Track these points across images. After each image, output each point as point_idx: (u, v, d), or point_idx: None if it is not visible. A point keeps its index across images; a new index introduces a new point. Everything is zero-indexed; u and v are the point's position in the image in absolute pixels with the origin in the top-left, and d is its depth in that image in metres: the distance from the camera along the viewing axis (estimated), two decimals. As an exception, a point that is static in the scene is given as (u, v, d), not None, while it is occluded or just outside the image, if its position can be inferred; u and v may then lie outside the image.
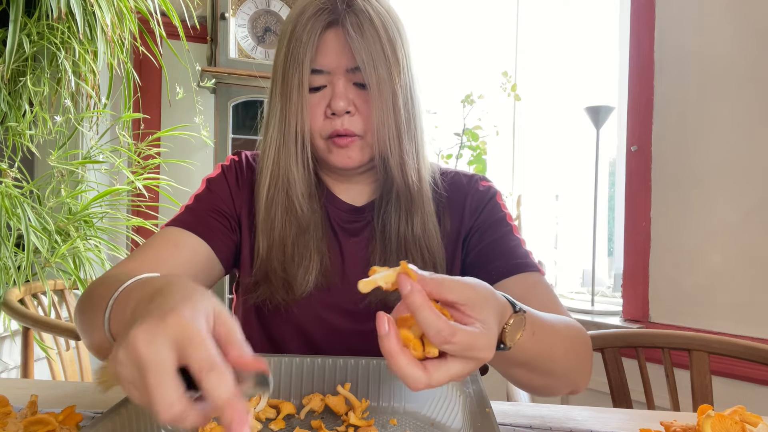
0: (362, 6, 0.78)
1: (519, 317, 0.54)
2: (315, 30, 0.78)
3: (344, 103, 0.79)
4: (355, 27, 0.77)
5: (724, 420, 0.56)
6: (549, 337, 0.61)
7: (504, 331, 0.53)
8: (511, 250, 0.85)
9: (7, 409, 0.59)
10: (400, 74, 0.79)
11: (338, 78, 0.79)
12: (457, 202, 0.90)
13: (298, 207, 0.83)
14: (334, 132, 0.80)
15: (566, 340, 0.65)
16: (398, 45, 0.80)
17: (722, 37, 1.53)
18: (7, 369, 1.78)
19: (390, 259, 0.85)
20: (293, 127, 0.80)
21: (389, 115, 0.79)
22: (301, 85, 0.79)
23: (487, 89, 2.39)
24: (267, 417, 0.66)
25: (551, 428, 0.69)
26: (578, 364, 0.68)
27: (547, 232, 2.36)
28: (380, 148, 0.80)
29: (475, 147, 2.43)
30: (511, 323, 0.53)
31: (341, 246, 0.89)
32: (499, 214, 0.90)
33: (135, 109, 1.93)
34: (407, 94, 0.81)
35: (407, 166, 0.82)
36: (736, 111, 1.50)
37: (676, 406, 1.11)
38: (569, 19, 2.30)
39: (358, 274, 0.87)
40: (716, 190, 1.54)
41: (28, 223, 1.52)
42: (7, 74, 1.44)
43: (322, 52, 0.79)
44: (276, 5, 2.50)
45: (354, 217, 0.90)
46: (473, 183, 0.93)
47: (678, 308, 1.61)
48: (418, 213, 0.84)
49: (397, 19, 0.82)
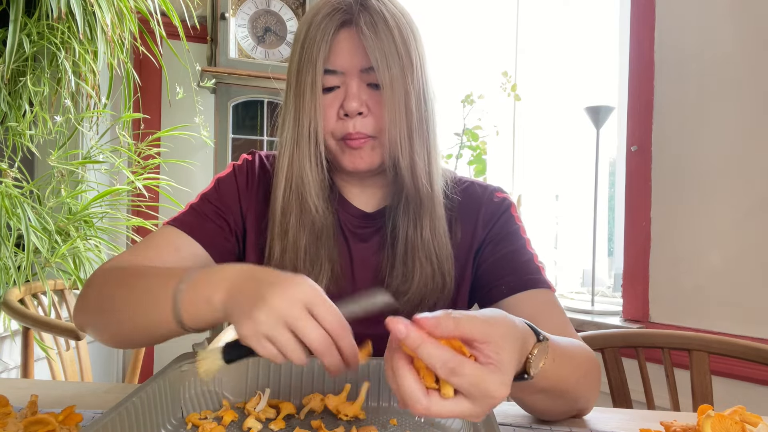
0: (376, 6, 0.78)
1: (543, 346, 0.53)
2: (329, 30, 0.77)
3: (357, 103, 0.78)
4: (369, 26, 0.76)
5: (724, 420, 0.56)
6: (568, 363, 0.61)
7: (528, 361, 0.52)
8: (524, 264, 0.84)
9: (7, 409, 0.59)
10: (413, 75, 0.79)
11: (352, 78, 0.79)
12: (470, 213, 0.89)
13: (313, 207, 0.82)
14: (347, 134, 0.80)
15: (582, 366, 0.65)
16: (412, 46, 0.79)
17: (722, 37, 1.53)
18: (7, 369, 1.78)
19: (397, 264, 0.84)
20: (306, 127, 0.80)
21: (401, 116, 0.78)
22: (314, 84, 0.78)
23: (487, 89, 2.39)
24: (267, 417, 0.66)
25: (551, 428, 0.69)
26: (590, 387, 0.68)
27: (547, 232, 2.36)
28: (391, 148, 0.80)
29: (475, 147, 2.43)
30: (535, 353, 0.52)
31: (351, 251, 0.88)
32: (513, 226, 0.88)
33: (135, 109, 1.93)
34: (420, 96, 0.80)
35: (417, 168, 0.81)
36: (736, 111, 1.50)
37: (676, 406, 1.11)
38: (569, 19, 2.30)
39: (367, 280, 0.87)
40: (716, 190, 1.54)
41: (28, 223, 1.52)
42: (7, 74, 1.44)
43: (336, 51, 0.78)
44: (276, 5, 2.50)
45: (365, 223, 0.89)
46: (488, 194, 0.91)
47: (678, 308, 1.61)
48: (428, 217, 0.83)
49: (411, 21, 0.82)
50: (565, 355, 0.61)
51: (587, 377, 0.67)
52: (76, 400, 0.72)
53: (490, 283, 0.84)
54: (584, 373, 0.66)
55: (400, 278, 0.83)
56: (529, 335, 0.52)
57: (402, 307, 0.83)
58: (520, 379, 0.52)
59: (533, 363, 0.52)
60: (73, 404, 0.61)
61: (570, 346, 0.64)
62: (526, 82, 2.37)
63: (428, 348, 0.43)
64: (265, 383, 0.72)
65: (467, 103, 2.34)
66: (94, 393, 0.76)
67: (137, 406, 0.57)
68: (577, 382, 0.64)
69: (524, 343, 0.50)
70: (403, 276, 0.83)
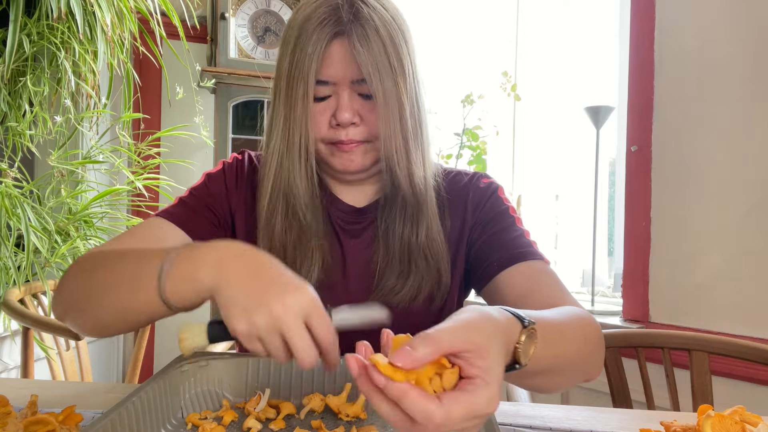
0: (368, 15, 0.77)
1: (529, 332, 0.51)
2: (321, 41, 0.76)
3: (349, 114, 0.78)
4: (361, 39, 0.76)
5: (724, 420, 0.56)
6: (561, 340, 0.59)
7: (517, 350, 0.50)
8: (513, 240, 0.84)
9: (7, 409, 0.59)
10: (407, 84, 0.79)
11: (343, 89, 0.79)
12: (458, 202, 0.90)
13: (301, 216, 0.83)
14: (339, 141, 0.80)
15: (578, 336, 0.63)
16: (404, 53, 0.79)
17: (722, 37, 1.53)
18: (7, 369, 1.78)
19: (392, 262, 0.85)
20: (297, 138, 0.80)
21: (396, 127, 0.78)
22: (306, 96, 0.78)
23: (487, 89, 2.39)
24: (267, 417, 0.66)
25: (551, 428, 0.69)
26: (591, 355, 0.66)
27: (547, 232, 2.36)
28: (387, 157, 0.80)
29: (475, 147, 2.43)
30: (523, 340, 0.50)
31: (343, 247, 0.88)
32: (501, 207, 0.89)
33: (135, 109, 1.93)
34: (413, 103, 0.81)
35: (415, 177, 0.81)
36: (736, 111, 1.50)
37: (676, 406, 1.11)
38: (569, 19, 2.30)
39: (360, 276, 0.87)
40: (716, 190, 1.54)
41: (28, 223, 1.52)
42: (7, 74, 1.44)
43: (328, 63, 0.78)
44: (276, 5, 2.50)
45: (355, 218, 0.89)
46: (474, 181, 0.92)
47: (678, 308, 1.61)
48: (424, 220, 0.84)
49: (403, 24, 0.81)
50: (558, 331, 0.59)
51: (587, 344, 0.64)
52: (76, 400, 0.72)
53: (482, 263, 0.85)
54: (583, 341, 0.64)
55: (396, 276, 0.84)
56: (512, 324, 0.50)
57: (396, 303, 0.83)
58: (512, 369, 0.50)
59: (522, 352, 0.50)
60: (73, 404, 0.61)
61: (563, 319, 0.62)
62: (526, 82, 2.37)
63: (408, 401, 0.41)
64: (265, 383, 0.72)
65: (467, 103, 2.34)
66: (94, 393, 0.76)
67: (137, 406, 0.57)
68: (577, 353, 0.62)
69: (508, 336, 0.49)
70: (399, 274, 0.84)
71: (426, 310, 0.86)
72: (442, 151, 2.41)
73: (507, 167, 2.43)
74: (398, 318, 0.87)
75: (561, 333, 0.60)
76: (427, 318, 0.83)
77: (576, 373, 0.66)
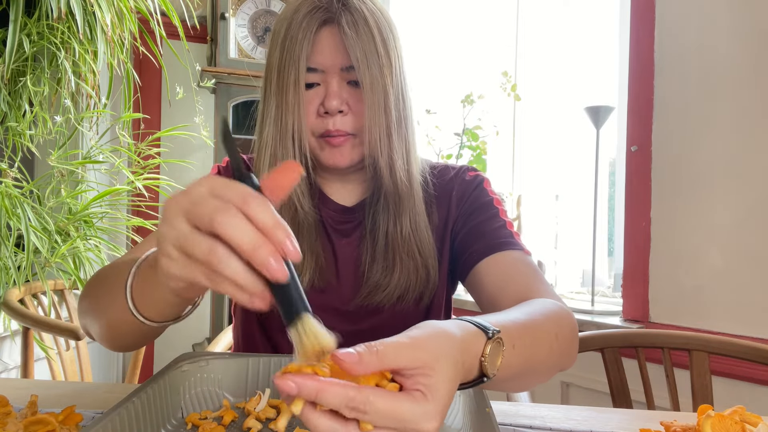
0: (357, 5, 0.79)
1: (495, 343, 0.49)
2: (310, 28, 0.78)
3: (337, 102, 0.79)
4: (350, 25, 0.77)
5: (724, 420, 0.56)
6: (532, 343, 0.58)
7: (483, 363, 0.48)
8: (494, 231, 0.84)
9: (7, 409, 0.59)
10: (392, 74, 0.80)
11: (332, 77, 0.80)
12: (444, 195, 0.91)
13: (298, 206, 0.83)
14: (326, 132, 0.80)
15: (550, 334, 0.62)
16: (391, 45, 0.80)
17: (722, 37, 1.53)
18: (7, 369, 1.78)
19: (377, 258, 0.85)
20: (290, 125, 0.80)
21: (380, 115, 0.79)
22: (297, 82, 0.79)
23: (487, 89, 2.39)
24: (267, 417, 0.66)
25: (551, 428, 0.69)
26: (564, 351, 0.65)
27: (547, 232, 2.36)
28: (371, 147, 0.80)
29: (475, 147, 2.43)
30: (488, 352, 0.48)
31: (334, 247, 0.89)
32: (485, 198, 0.89)
33: (135, 109, 1.93)
34: (399, 95, 0.82)
35: (396, 167, 0.82)
36: (736, 111, 1.50)
37: (676, 406, 1.11)
38: (569, 20, 2.30)
39: (350, 276, 0.88)
40: (716, 190, 1.54)
41: (28, 223, 1.52)
42: (7, 74, 1.44)
43: (318, 50, 0.79)
44: (276, 5, 2.50)
45: (345, 217, 0.90)
46: (460, 174, 0.93)
47: (678, 308, 1.61)
48: (407, 213, 0.84)
49: (390, 20, 0.83)
50: (528, 333, 0.57)
51: (560, 340, 0.63)
52: (76, 400, 0.72)
53: (463, 254, 0.85)
54: (555, 338, 0.62)
55: (381, 272, 0.84)
56: (474, 337, 0.48)
57: (383, 301, 0.84)
58: (480, 382, 0.49)
59: (489, 363, 0.48)
60: (73, 404, 0.61)
61: (535, 317, 0.61)
62: (526, 82, 2.37)
63: (327, 394, 0.38)
64: (265, 383, 0.72)
65: (467, 103, 2.34)
66: (94, 393, 0.76)
67: (137, 406, 0.57)
68: (548, 353, 0.61)
69: (468, 351, 0.46)
70: (383, 270, 0.84)
71: (414, 309, 0.87)
72: (442, 151, 2.41)
73: (507, 167, 2.43)
74: (386, 319, 0.87)
75: (532, 335, 0.58)
76: (416, 318, 0.82)
77: (549, 370, 0.65)
